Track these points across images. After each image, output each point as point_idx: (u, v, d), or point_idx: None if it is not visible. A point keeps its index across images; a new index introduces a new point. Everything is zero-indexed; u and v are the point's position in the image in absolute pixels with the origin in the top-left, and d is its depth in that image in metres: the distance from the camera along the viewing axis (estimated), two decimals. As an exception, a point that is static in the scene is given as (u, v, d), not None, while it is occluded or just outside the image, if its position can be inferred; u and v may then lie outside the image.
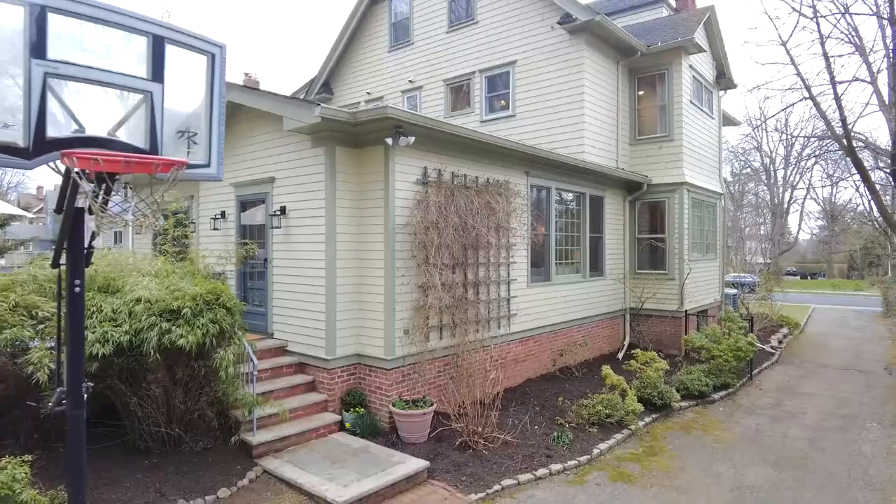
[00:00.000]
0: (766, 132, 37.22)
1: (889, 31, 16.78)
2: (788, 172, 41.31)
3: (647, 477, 6.10)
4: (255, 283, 7.91)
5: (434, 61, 13.03)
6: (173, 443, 5.60)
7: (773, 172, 41.83)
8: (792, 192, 42.69)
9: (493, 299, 8.10)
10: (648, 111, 12.24)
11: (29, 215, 10.85)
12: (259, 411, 5.92)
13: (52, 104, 2.29)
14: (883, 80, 18.30)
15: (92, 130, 2.42)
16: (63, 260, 2.85)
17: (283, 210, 7.22)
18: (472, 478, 5.68)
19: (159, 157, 2.62)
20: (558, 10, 10.83)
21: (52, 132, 2.30)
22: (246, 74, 34.09)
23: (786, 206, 42.81)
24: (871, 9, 15.70)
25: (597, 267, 10.98)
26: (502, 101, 11.99)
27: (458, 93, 12.82)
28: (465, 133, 7.21)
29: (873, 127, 33.80)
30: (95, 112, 2.43)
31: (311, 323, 6.91)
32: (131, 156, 2.44)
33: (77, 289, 2.75)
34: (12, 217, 14.69)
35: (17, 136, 2.23)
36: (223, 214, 8.30)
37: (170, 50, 2.61)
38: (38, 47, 2.25)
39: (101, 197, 2.62)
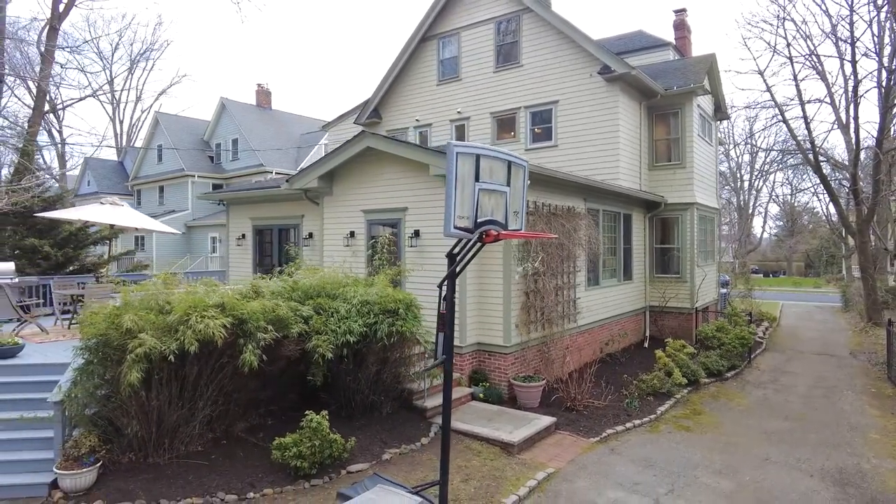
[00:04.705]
0: (735, 145, 40.74)
1: (849, 69, 19.97)
2: (753, 178, 45.10)
3: (699, 428, 8.49)
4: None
5: (481, 96, 15.21)
6: (370, 408, 7.65)
7: (739, 177, 45.56)
8: (756, 195, 46.66)
9: (567, 300, 10.39)
10: (663, 142, 14.75)
11: (170, 230, 12.10)
12: (417, 385, 8.03)
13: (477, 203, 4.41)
14: (842, 107, 21.59)
15: (484, 216, 4.54)
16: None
17: (416, 233, 9.31)
18: (585, 428, 7.96)
19: (535, 233, 4.87)
20: (596, 60, 13.17)
21: (479, 218, 4.43)
22: (259, 85, 35.64)
23: (751, 209, 46.73)
24: (831, 41, 18.64)
25: (627, 272, 13.42)
26: (545, 133, 14.27)
27: (504, 124, 15.03)
28: (557, 174, 9.46)
29: (833, 144, 37.76)
30: (486, 205, 4.54)
31: (443, 320, 9.01)
32: (526, 234, 4.60)
33: (455, 298, 4.87)
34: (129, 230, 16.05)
35: (469, 223, 4.35)
36: (352, 234, 10.31)
37: (505, 167, 4.74)
38: (476, 176, 4.36)
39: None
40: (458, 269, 5.02)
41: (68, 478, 5.56)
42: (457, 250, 4.95)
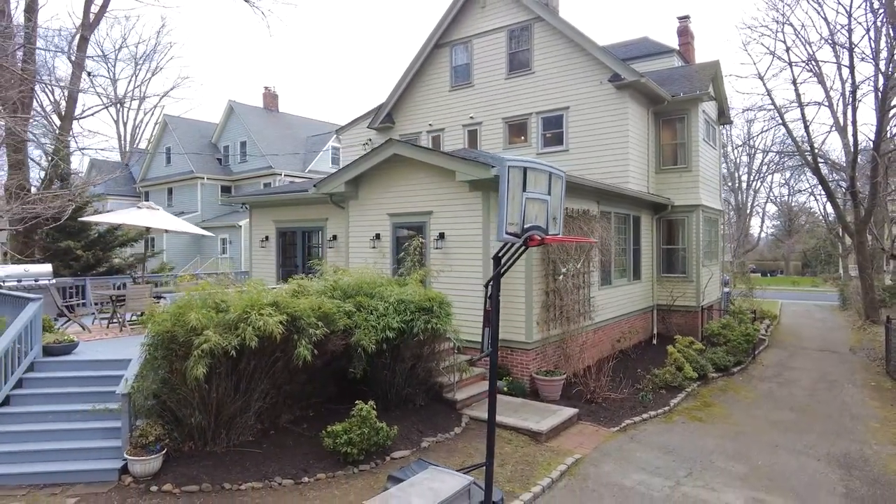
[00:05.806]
0: (733, 146, 41.37)
1: (846, 74, 20.56)
2: (751, 178, 45.76)
3: (711, 418, 9.02)
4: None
5: (493, 101, 15.70)
6: (405, 401, 8.14)
7: (737, 177, 46.20)
8: (754, 196, 47.37)
9: (583, 299, 10.90)
10: (669, 146, 15.29)
11: (205, 232, 12.35)
12: (447, 378, 8.53)
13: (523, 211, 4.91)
14: (840, 110, 22.23)
15: (529, 223, 5.04)
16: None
17: (441, 235, 9.82)
18: (605, 419, 8.48)
19: (573, 237, 5.34)
20: (606, 68, 13.68)
21: (525, 224, 4.93)
22: (266, 88, 36.06)
23: (749, 209, 47.42)
24: (829, 46, 19.31)
25: (637, 272, 13.95)
26: (556, 138, 14.76)
27: (516, 129, 15.54)
28: (577, 180, 9.97)
29: (831, 146, 38.39)
30: (530, 212, 5.05)
31: (467, 316, 9.52)
32: (565, 238, 5.11)
33: (499, 296, 5.38)
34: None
35: (517, 229, 4.85)
36: (378, 236, 10.81)
37: (547, 178, 5.25)
38: (524, 186, 4.87)
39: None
40: (502, 271, 5.52)
41: (138, 464, 6.04)
42: (501, 253, 5.46)
